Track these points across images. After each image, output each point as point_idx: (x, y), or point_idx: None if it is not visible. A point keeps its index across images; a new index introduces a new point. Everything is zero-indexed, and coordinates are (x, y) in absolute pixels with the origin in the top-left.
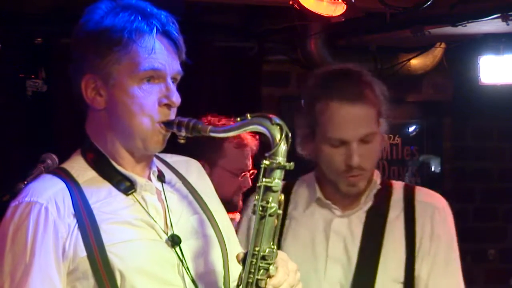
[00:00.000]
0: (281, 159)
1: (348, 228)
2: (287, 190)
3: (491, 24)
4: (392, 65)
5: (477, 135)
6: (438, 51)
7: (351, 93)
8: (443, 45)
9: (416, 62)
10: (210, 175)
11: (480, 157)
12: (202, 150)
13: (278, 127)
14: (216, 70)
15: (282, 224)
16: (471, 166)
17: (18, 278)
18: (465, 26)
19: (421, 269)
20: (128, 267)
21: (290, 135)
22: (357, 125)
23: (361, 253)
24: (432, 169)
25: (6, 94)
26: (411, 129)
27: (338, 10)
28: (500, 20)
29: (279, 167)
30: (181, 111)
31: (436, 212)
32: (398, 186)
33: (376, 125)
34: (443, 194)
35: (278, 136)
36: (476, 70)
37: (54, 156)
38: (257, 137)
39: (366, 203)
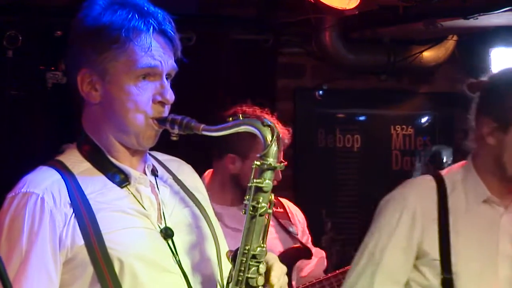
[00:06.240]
0: (272, 160)
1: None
2: (441, 184)
3: (502, 17)
4: (405, 57)
5: None
6: (450, 44)
7: None
8: (455, 37)
9: (428, 54)
10: (242, 167)
11: None
12: (234, 143)
13: (269, 128)
14: (232, 62)
15: (447, 220)
16: None
17: (15, 267)
18: (477, 18)
19: None
20: (127, 254)
21: (280, 136)
22: None
23: None
24: (444, 159)
25: (26, 86)
26: (424, 120)
27: (352, 3)
28: (511, 13)
29: (270, 168)
30: (198, 103)
31: None
32: None
33: None
34: None
35: (269, 137)
36: (487, 62)
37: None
38: (290, 130)
39: None
